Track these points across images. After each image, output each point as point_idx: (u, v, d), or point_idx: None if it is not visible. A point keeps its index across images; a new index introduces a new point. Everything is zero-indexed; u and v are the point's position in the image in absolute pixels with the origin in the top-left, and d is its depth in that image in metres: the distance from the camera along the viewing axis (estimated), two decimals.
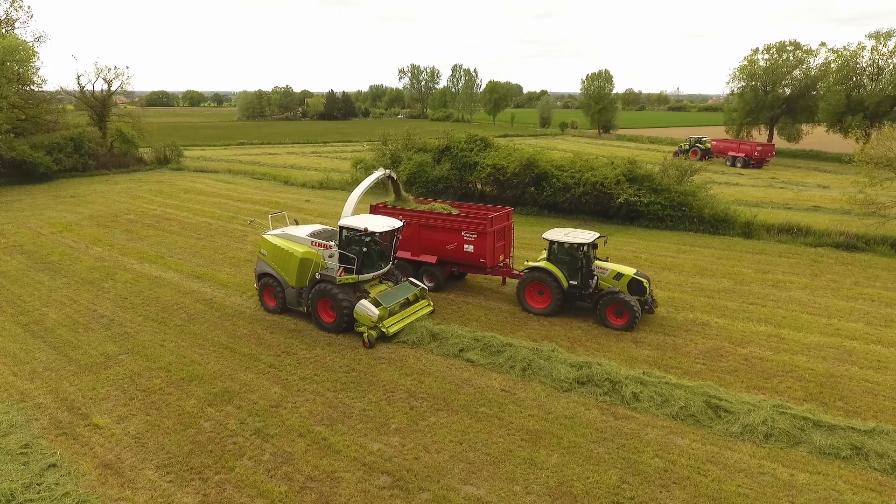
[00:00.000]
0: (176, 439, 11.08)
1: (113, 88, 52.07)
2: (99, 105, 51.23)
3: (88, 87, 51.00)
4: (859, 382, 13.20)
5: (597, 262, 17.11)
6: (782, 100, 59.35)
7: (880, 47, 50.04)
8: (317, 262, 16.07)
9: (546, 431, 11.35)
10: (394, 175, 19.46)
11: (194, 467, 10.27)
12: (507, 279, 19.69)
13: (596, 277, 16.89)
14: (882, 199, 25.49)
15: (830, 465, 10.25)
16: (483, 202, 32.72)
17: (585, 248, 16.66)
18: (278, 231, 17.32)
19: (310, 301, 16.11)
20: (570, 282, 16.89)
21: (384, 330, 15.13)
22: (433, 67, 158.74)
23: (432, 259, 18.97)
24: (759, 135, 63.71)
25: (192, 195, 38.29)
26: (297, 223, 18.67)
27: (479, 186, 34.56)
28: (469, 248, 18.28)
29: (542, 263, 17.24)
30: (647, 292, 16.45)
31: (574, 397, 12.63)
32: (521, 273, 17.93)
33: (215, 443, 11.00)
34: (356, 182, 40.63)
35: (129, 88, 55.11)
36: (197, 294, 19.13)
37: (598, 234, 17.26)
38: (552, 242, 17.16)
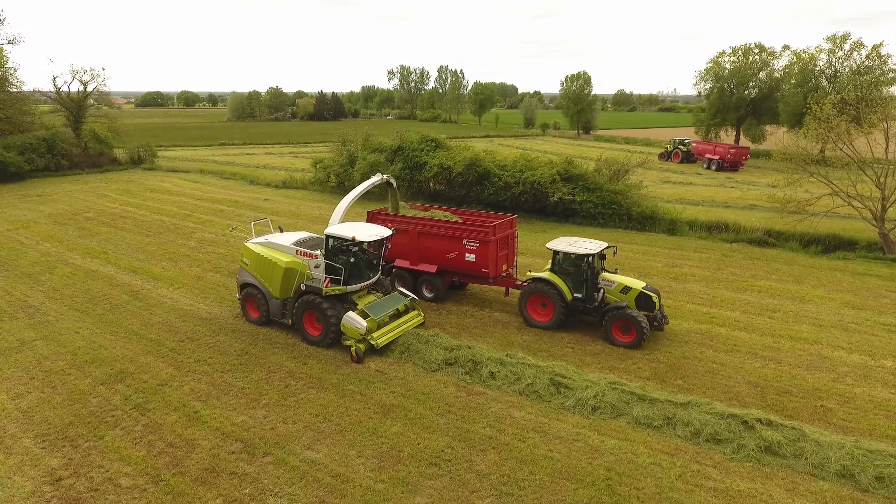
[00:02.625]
0: (60, 413, 12.20)
1: (89, 90, 53.29)
2: (75, 106, 52.38)
3: (64, 89, 52.26)
4: (706, 364, 14.33)
5: (603, 275, 16.24)
6: (747, 101, 60.52)
7: (836, 51, 51.19)
8: (302, 273, 15.37)
9: (399, 405, 12.47)
10: (392, 181, 18.56)
11: (69, 436, 11.40)
12: (511, 290, 18.63)
13: (602, 290, 16.09)
14: (801, 196, 26.58)
15: (641, 434, 11.38)
16: (435, 201, 33.90)
17: (591, 259, 15.75)
18: (261, 239, 16.66)
19: (295, 313, 15.56)
20: (575, 294, 16.02)
21: (373, 343, 14.55)
22: (422, 68, 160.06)
23: (432, 268, 18.20)
24: (727, 136, 64.84)
25: (156, 194, 39.38)
26: (281, 230, 18.12)
27: (431, 185, 35.77)
28: (470, 257, 17.46)
29: (546, 274, 16.36)
30: (657, 307, 15.63)
31: (439, 376, 13.76)
32: (524, 284, 17.07)
33: (96, 416, 12.12)
34: (318, 182, 41.97)
35: (106, 89, 56.16)
36: (126, 286, 20.24)
37: (605, 245, 16.26)
38: (556, 252, 16.23)
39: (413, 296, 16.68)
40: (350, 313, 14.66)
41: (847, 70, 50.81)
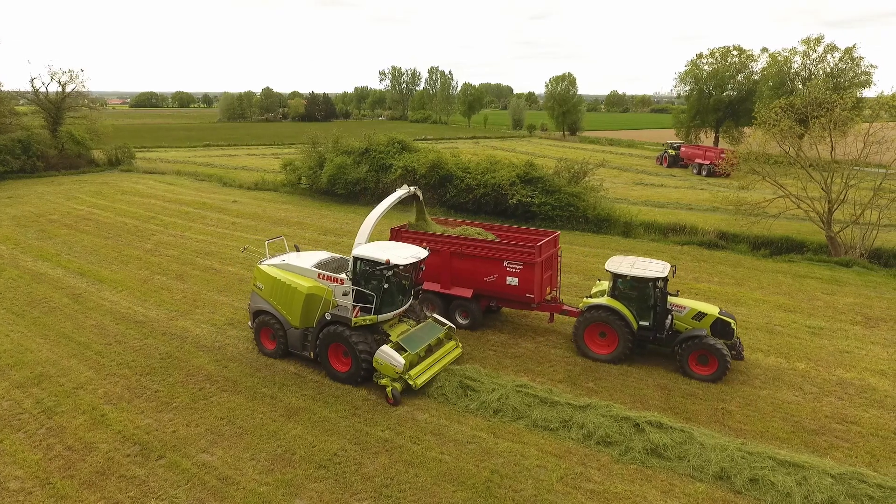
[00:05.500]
0: None
1: (67, 90, 53.34)
2: (53, 108, 52.43)
3: (42, 90, 52.30)
4: (621, 368, 14.44)
5: (671, 299, 14.77)
6: (725, 103, 60.79)
7: (811, 53, 51.46)
8: (327, 300, 13.74)
9: (306, 408, 12.59)
10: (419, 193, 17.04)
11: None
12: (556, 315, 17.11)
13: (671, 317, 14.68)
14: (754, 198, 26.78)
15: (536, 436, 11.51)
16: (401, 203, 33.95)
17: (660, 282, 14.08)
18: (276, 260, 15.07)
19: (318, 346, 13.91)
20: (641, 322, 14.44)
21: (411, 382, 12.86)
22: (413, 69, 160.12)
23: (467, 293, 16.57)
24: (707, 138, 65.12)
25: (127, 196, 39.46)
26: (297, 250, 16.42)
27: None
28: (512, 280, 15.82)
29: (606, 301, 14.61)
30: (734, 334, 14.24)
31: None
32: (577, 311, 15.61)
33: (1, 419, 12.21)
34: (290, 184, 42.03)
35: (85, 90, 56.17)
36: (70, 289, 20.33)
37: (668, 265, 14.57)
38: (617, 276, 14.56)
39: (450, 324, 14.97)
40: (384, 348, 12.91)
41: (821, 73, 51.08)
